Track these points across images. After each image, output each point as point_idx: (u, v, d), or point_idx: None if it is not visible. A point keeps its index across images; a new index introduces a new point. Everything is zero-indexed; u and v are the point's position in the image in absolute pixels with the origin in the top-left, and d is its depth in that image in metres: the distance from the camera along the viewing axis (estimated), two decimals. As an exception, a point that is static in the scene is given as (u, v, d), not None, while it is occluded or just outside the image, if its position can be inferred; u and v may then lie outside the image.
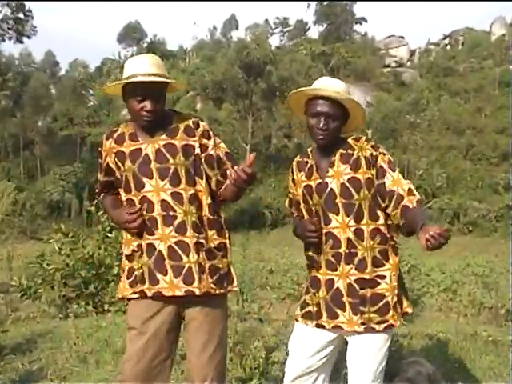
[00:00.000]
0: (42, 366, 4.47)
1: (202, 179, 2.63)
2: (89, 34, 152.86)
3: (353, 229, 2.58)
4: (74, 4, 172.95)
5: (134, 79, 2.51)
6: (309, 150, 2.78)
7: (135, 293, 2.60)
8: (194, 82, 45.87)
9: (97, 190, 2.87)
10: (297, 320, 2.79)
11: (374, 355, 2.61)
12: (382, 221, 2.62)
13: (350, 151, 2.61)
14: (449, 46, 61.41)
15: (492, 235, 26.58)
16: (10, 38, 37.63)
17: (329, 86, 2.60)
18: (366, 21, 64.33)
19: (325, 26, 62.92)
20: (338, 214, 2.59)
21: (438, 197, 30.93)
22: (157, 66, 2.56)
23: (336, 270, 2.62)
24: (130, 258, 2.66)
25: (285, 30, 67.38)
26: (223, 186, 2.66)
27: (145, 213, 2.57)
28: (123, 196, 2.66)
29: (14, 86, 41.59)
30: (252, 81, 35.32)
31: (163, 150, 2.58)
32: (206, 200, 2.64)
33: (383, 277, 2.60)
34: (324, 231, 2.63)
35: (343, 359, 2.78)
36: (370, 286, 2.58)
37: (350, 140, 2.65)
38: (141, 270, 2.60)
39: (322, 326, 2.66)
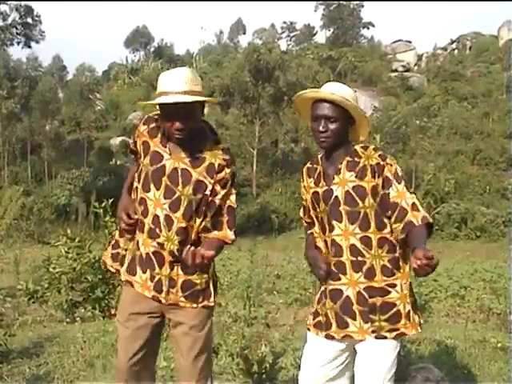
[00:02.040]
0: (49, 370, 4.48)
1: (198, 218, 2.64)
2: (96, 38, 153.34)
3: (359, 236, 2.56)
4: (80, 8, 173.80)
5: (159, 101, 2.49)
6: (319, 156, 2.77)
7: (112, 267, 2.76)
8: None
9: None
10: (309, 329, 2.78)
11: (382, 363, 2.58)
12: (388, 229, 2.59)
13: (356, 159, 2.60)
14: (456, 51, 61.22)
15: (500, 240, 26.41)
16: (18, 43, 37.85)
17: (329, 89, 2.60)
18: (373, 25, 64.24)
19: (332, 30, 62.93)
20: (341, 222, 2.58)
21: (446, 202, 30.78)
22: (189, 83, 2.49)
23: (339, 279, 2.61)
24: (121, 233, 2.74)
25: (291, 34, 67.39)
26: (209, 233, 2.67)
27: (140, 214, 2.63)
28: (134, 180, 2.72)
29: (22, 92, 41.74)
30: (260, 85, 35.33)
31: (179, 173, 2.58)
32: (193, 236, 2.65)
33: (394, 285, 2.58)
34: (329, 240, 2.62)
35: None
36: (379, 295, 2.56)
37: (357, 147, 2.65)
38: (124, 252, 2.71)
39: (332, 337, 2.64)
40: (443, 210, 29.60)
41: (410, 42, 60.41)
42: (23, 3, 36.70)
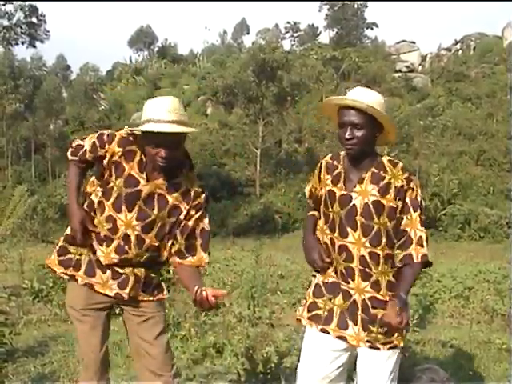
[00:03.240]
0: (54, 369, 4.49)
1: (170, 240, 2.69)
2: (100, 38, 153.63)
3: (368, 250, 2.56)
4: (84, 8, 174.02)
5: (148, 128, 2.47)
6: (342, 153, 2.73)
7: (65, 274, 2.72)
8: (204, 86, 45.95)
9: (72, 149, 2.76)
10: (298, 320, 2.79)
11: (383, 371, 2.62)
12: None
13: (382, 173, 2.57)
14: (460, 52, 61.09)
15: (504, 242, 26.33)
16: (23, 43, 37.89)
17: (355, 95, 2.57)
18: (377, 26, 64.13)
19: (336, 30, 62.87)
20: (355, 231, 2.57)
21: (453, 204, 30.68)
22: (176, 113, 2.49)
23: (348, 282, 2.62)
24: (68, 238, 2.72)
25: (295, 34, 67.36)
26: (182, 260, 2.70)
27: (106, 231, 2.63)
28: (97, 196, 2.66)
29: (26, 91, 41.80)
30: (263, 85, 35.31)
31: (155, 198, 2.61)
32: (163, 257, 2.73)
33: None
34: (339, 243, 2.62)
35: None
36: (382, 307, 2.58)
37: (385, 160, 2.62)
38: (78, 257, 2.70)
39: (327, 332, 2.66)
40: (448, 211, 29.55)
41: (413, 42, 60.33)
42: (28, 3, 36.77)
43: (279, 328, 6.12)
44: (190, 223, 2.67)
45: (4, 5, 35.88)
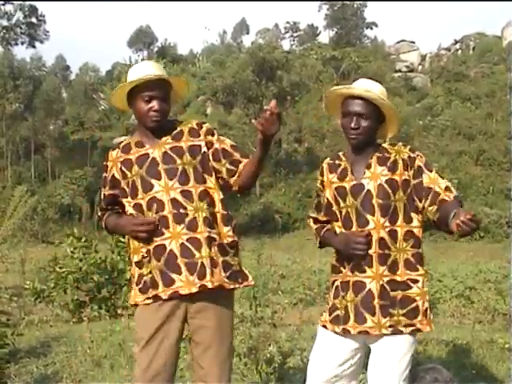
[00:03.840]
0: (56, 370, 4.49)
1: (211, 176, 2.67)
2: (99, 38, 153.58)
3: (387, 229, 2.57)
4: (83, 8, 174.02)
5: (143, 78, 2.57)
6: (340, 153, 2.79)
7: (148, 298, 2.59)
8: (204, 86, 45.97)
9: (99, 211, 2.85)
10: (325, 326, 2.72)
11: (398, 359, 2.57)
12: (415, 223, 2.62)
13: (386, 154, 2.63)
14: (460, 51, 61.10)
15: (503, 241, 26.37)
16: (22, 43, 37.94)
17: (362, 86, 2.62)
18: (376, 25, 64.15)
19: (335, 30, 62.89)
20: (373, 215, 2.58)
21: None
22: (160, 69, 2.66)
23: (365, 271, 2.58)
24: (139, 264, 2.66)
25: (295, 34, 67.37)
26: (238, 172, 2.68)
27: (154, 213, 2.58)
28: (130, 203, 2.67)
29: (26, 91, 41.83)
30: (263, 84, 35.33)
31: (170, 152, 2.63)
32: (218, 196, 2.68)
33: (416, 281, 2.59)
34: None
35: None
36: (401, 289, 2.57)
37: (385, 145, 2.69)
38: (150, 275, 2.59)
39: (348, 332, 2.61)
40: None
41: (413, 42, 60.33)
42: (27, 3, 36.79)
43: (281, 328, 6.11)
44: (217, 146, 2.69)
45: (4, 5, 35.90)
